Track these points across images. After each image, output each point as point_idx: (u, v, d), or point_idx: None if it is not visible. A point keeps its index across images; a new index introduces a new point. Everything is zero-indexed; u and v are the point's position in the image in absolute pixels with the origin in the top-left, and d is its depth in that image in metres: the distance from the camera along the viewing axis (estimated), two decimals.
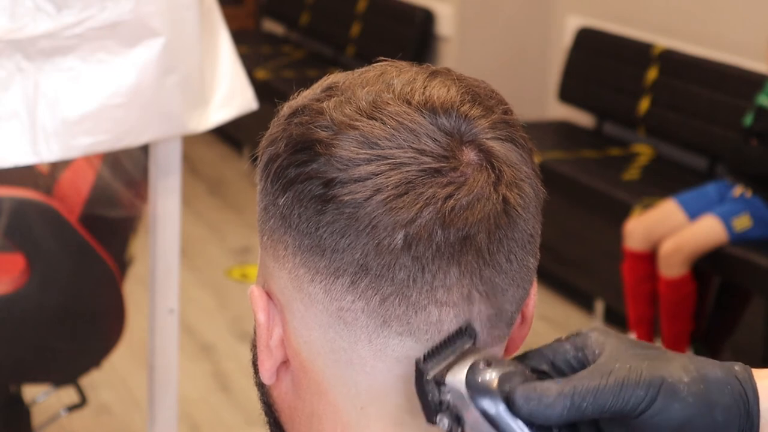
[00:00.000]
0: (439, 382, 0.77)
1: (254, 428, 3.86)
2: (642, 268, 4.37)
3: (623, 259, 4.43)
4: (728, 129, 4.71)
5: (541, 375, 0.79)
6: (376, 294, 0.79)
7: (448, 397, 0.76)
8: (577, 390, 0.75)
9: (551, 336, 4.84)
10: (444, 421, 0.77)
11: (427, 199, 0.77)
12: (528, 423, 0.75)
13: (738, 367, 0.78)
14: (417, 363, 0.77)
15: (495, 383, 0.75)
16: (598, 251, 4.82)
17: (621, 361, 0.76)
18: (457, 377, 0.76)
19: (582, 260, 4.93)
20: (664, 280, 4.27)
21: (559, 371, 0.79)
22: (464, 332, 0.79)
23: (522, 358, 0.80)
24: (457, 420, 0.76)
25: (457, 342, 0.79)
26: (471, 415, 0.75)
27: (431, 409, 0.77)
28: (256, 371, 0.87)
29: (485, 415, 0.75)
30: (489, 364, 0.76)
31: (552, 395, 0.75)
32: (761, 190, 4.24)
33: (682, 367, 0.76)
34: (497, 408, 0.75)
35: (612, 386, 0.75)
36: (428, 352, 0.77)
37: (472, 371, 0.76)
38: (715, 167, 4.98)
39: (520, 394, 0.75)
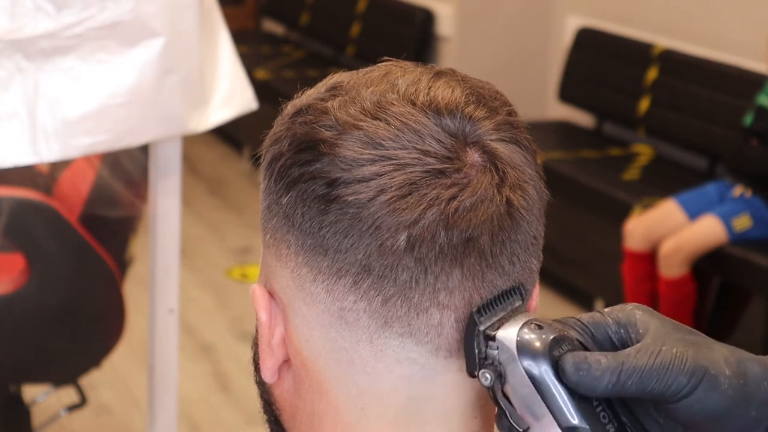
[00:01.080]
0: (489, 336, 0.77)
1: (254, 428, 3.86)
2: (642, 268, 4.37)
3: (623, 259, 4.43)
4: (728, 129, 4.71)
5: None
6: (378, 295, 0.79)
7: (495, 352, 0.77)
8: (624, 367, 0.75)
9: None
10: (486, 376, 0.77)
11: (430, 200, 0.77)
12: (569, 390, 0.76)
13: None
14: (472, 314, 0.78)
15: (544, 346, 0.76)
16: (598, 251, 4.82)
17: (667, 344, 0.76)
18: (509, 334, 0.77)
19: (582, 260, 4.93)
20: (664, 280, 4.27)
21: (599, 345, 0.79)
22: (515, 292, 0.80)
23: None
24: (500, 377, 0.77)
25: (508, 300, 0.79)
26: (515, 374, 0.76)
27: (475, 362, 0.78)
28: (257, 369, 0.88)
29: (529, 375, 0.76)
30: (540, 326, 0.77)
31: (601, 368, 0.75)
32: (761, 190, 4.24)
33: (724, 359, 0.77)
34: (541, 370, 0.76)
35: (657, 368, 0.75)
36: (481, 306, 0.78)
37: (523, 330, 0.77)
38: (715, 167, 4.98)
39: (570, 362, 0.76)
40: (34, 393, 3.58)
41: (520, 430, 0.77)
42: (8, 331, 3.01)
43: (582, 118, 5.84)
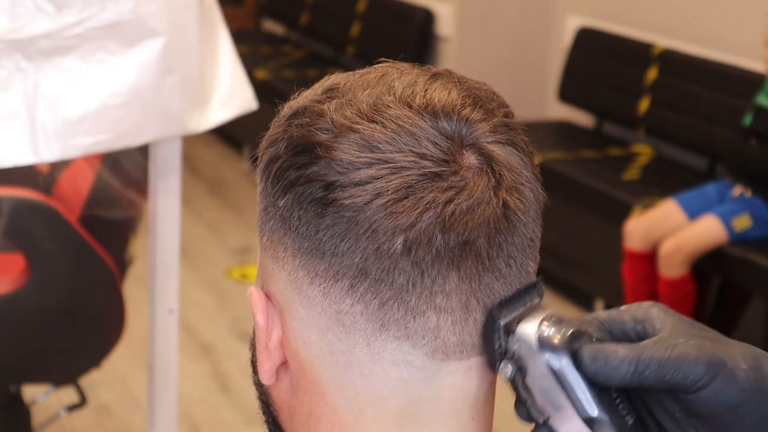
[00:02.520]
0: (509, 330, 0.79)
1: (254, 428, 3.86)
2: (642, 268, 4.37)
3: (623, 259, 4.43)
4: (728, 129, 4.71)
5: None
6: (375, 298, 0.79)
7: (515, 346, 0.79)
8: (642, 357, 0.77)
9: None
10: (507, 368, 0.79)
11: (427, 203, 0.77)
12: (589, 382, 0.77)
13: None
14: (491, 309, 0.80)
15: (563, 339, 0.78)
16: (598, 251, 4.82)
17: (685, 337, 0.78)
18: (528, 328, 0.79)
19: (582, 260, 4.93)
20: (664, 280, 4.27)
21: (616, 341, 0.80)
22: (534, 288, 0.82)
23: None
24: (520, 370, 0.79)
25: (526, 297, 0.81)
26: (535, 367, 0.78)
27: (496, 355, 0.80)
28: (255, 370, 0.88)
29: (550, 368, 0.78)
30: (560, 321, 0.79)
31: (618, 358, 0.77)
32: (761, 189, 4.24)
33: (741, 354, 0.78)
34: (561, 363, 0.77)
35: (675, 359, 0.76)
36: (500, 302, 0.80)
37: (543, 325, 0.78)
38: (715, 167, 4.98)
39: (587, 353, 0.77)
40: (34, 393, 3.58)
41: (540, 420, 0.79)
42: (8, 331, 3.01)
43: (582, 118, 5.83)
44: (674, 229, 4.30)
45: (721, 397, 0.77)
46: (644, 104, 5.29)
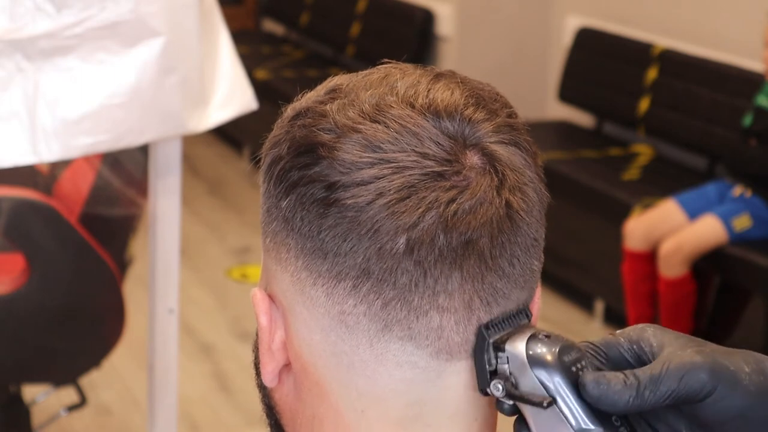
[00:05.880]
0: (499, 348, 0.79)
1: (254, 428, 3.86)
2: (642, 268, 4.37)
3: (623, 259, 4.43)
4: (728, 129, 4.71)
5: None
6: (377, 298, 0.78)
7: (506, 366, 0.79)
8: (641, 380, 0.76)
9: None
10: (498, 386, 0.79)
11: (429, 203, 0.77)
12: (581, 399, 0.77)
13: None
14: (480, 328, 0.79)
15: (554, 356, 0.78)
16: (598, 251, 4.82)
17: (682, 350, 0.77)
18: (518, 345, 0.79)
19: (582, 260, 4.93)
20: (664, 280, 4.27)
21: (613, 365, 0.80)
22: (522, 311, 0.81)
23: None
24: (512, 386, 0.79)
25: (515, 319, 0.81)
26: (527, 383, 0.78)
27: (486, 374, 0.79)
28: (258, 373, 0.88)
29: (542, 384, 0.78)
30: (548, 336, 0.79)
31: (620, 382, 0.76)
32: (761, 190, 4.24)
33: (742, 359, 0.78)
34: (553, 379, 0.77)
35: (676, 370, 0.76)
36: (488, 323, 0.80)
37: (532, 341, 0.78)
38: (715, 167, 4.98)
39: (590, 379, 0.77)
40: (34, 393, 3.58)
41: None
42: (8, 331, 3.01)
43: (582, 118, 5.84)
44: (674, 229, 4.30)
45: (728, 402, 0.76)
46: (644, 104, 5.29)
